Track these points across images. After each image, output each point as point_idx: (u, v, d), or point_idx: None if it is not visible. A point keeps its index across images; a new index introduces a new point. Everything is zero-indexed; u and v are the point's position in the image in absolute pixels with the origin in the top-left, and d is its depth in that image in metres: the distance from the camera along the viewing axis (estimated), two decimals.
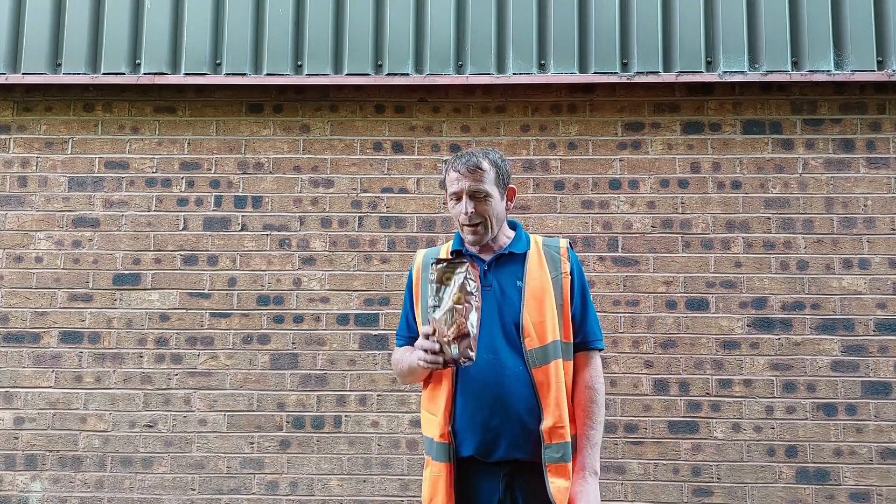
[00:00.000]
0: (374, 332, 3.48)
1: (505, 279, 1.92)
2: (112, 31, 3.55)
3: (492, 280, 1.92)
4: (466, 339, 1.70)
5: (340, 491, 3.40)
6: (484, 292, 1.87)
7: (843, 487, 3.30)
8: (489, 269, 1.94)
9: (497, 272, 1.93)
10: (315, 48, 3.51)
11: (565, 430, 1.82)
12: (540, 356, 1.84)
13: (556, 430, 1.82)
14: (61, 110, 3.63)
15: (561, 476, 1.81)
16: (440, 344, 1.72)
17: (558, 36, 3.49)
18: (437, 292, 1.73)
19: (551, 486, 1.79)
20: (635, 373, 3.40)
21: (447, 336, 1.70)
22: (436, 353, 1.73)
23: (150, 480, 3.43)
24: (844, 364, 3.37)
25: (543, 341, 1.85)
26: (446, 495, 1.84)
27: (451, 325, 1.70)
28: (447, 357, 1.71)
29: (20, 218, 3.60)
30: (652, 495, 3.34)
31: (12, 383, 3.50)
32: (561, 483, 1.80)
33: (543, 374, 1.83)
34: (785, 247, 3.46)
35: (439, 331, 1.72)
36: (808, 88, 3.54)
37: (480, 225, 1.91)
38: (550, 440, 1.81)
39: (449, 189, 1.94)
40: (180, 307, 3.52)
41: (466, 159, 1.91)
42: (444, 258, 1.80)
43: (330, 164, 3.61)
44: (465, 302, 1.70)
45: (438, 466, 1.88)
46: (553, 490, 1.79)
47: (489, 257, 1.95)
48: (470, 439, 1.85)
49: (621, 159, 3.54)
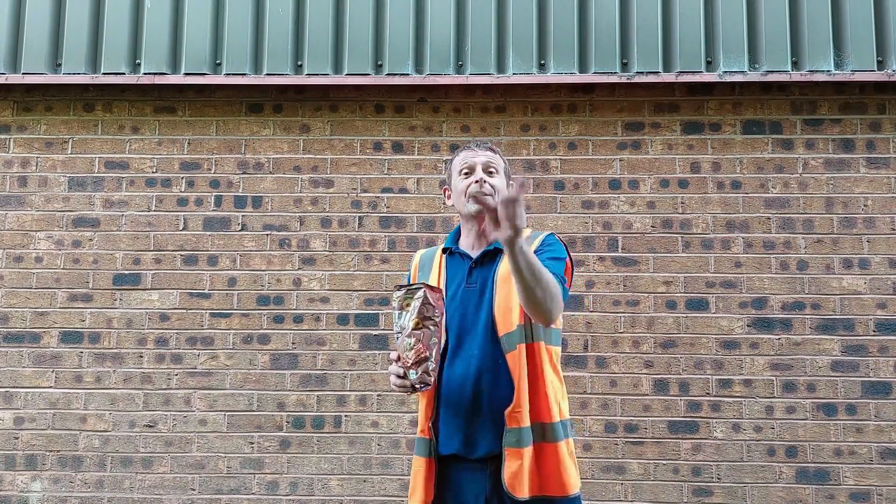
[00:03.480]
0: (374, 332, 3.48)
1: (488, 275, 1.94)
2: (112, 31, 3.55)
3: (476, 278, 1.95)
4: (425, 363, 1.74)
5: (340, 491, 3.40)
6: (469, 290, 1.93)
7: (843, 487, 3.30)
8: (476, 266, 1.96)
9: (483, 269, 1.96)
10: (315, 48, 3.51)
11: (521, 415, 1.81)
12: (508, 342, 1.86)
13: (514, 414, 1.82)
14: (61, 110, 3.63)
15: (513, 460, 1.80)
16: (404, 369, 1.76)
17: (558, 36, 3.49)
18: (399, 318, 1.78)
19: (505, 472, 1.79)
20: (635, 373, 3.41)
21: (408, 360, 1.75)
22: (401, 378, 1.77)
23: (150, 480, 3.43)
24: (844, 364, 3.37)
25: (511, 327, 1.86)
26: (424, 490, 1.87)
27: (410, 349, 1.75)
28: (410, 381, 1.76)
29: (20, 218, 3.60)
30: (652, 495, 3.34)
31: (12, 383, 3.50)
32: (513, 467, 1.80)
33: (513, 360, 1.85)
34: (785, 247, 3.46)
35: (402, 356, 1.77)
36: (808, 88, 3.54)
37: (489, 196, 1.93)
38: (509, 424, 1.82)
39: (460, 166, 2.00)
40: (180, 307, 3.52)
41: (480, 142, 2.04)
42: (403, 284, 1.84)
43: (330, 164, 3.61)
44: (424, 326, 1.75)
45: (419, 461, 1.91)
46: (506, 475, 1.79)
47: (478, 254, 1.98)
48: (452, 437, 1.88)
49: (621, 159, 3.55)
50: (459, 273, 1.98)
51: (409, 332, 1.75)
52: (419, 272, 2.06)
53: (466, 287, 1.94)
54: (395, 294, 1.80)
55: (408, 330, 1.75)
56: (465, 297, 1.93)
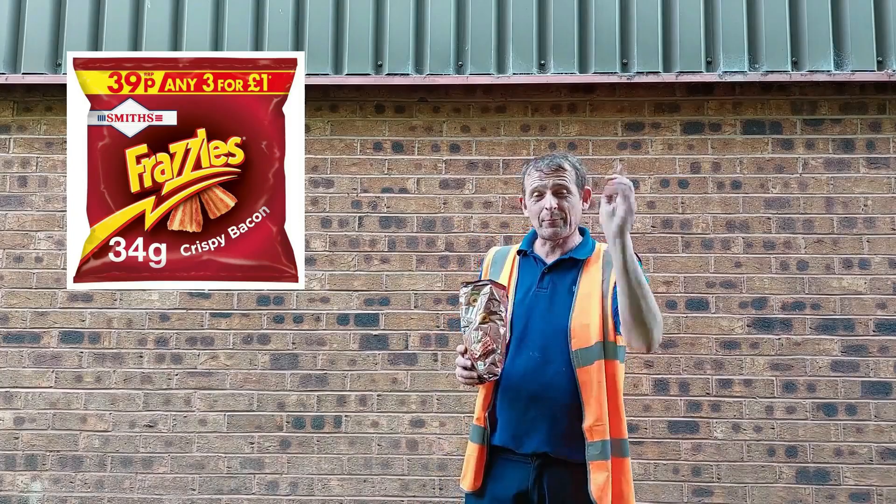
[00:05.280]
0: (374, 332, 3.49)
1: (561, 282, 2.01)
2: (112, 31, 3.54)
3: (548, 283, 2.01)
4: (492, 355, 1.85)
5: (340, 491, 3.40)
6: (539, 293, 2.00)
7: (843, 487, 3.30)
8: (549, 271, 2.03)
9: (555, 275, 2.02)
10: (315, 48, 3.51)
11: (604, 428, 1.87)
12: (584, 357, 1.90)
13: (596, 427, 1.87)
14: (61, 110, 3.62)
15: (600, 471, 1.86)
16: (471, 361, 1.86)
17: (558, 36, 3.49)
18: (466, 313, 1.88)
19: (592, 484, 1.85)
20: (635, 373, 3.40)
21: (476, 353, 1.85)
22: (468, 370, 1.87)
23: (150, 480, 3.43)
24: (844, 364, 3.37)
25: (588, 343, 1.91)
26: (474, 474, 1.99)
27: (478, 342, 1.85)
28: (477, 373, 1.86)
29: (20, 218, 3.60)
30: (652, 495, 3.34)
31: (12, 383, 3.50)
32: (600, 479, 1.85)
33: (587, 374, 1.89)
34: (785, 247, 3.46)
35: (469, 349, 1.87)
36: (808, 88, 3.54)
37: (560, 219, 2.02)
38: (592, 438, 1.87)
39: (530, 187, 2.05)
40: (180, 307, 3.52)
41: (549, 160, 2.05)
42: (469, 281, 1.93)
43: (330, 164, 3.61)
44: (490, 321, 1.85)
45: (472, 447, 2.02)
46: (593, 487, 1.85)
47: (552, 260, 2.04)
48: (504, 429, 1.96)
49: (621, 159, 3.55)
50: (532, 275, 2.05)
51: (477, 326, 1.85)
52: (491, 267, 2.14)
53: (538, 290, 2.01)
54: (463, 290, 1.89)
55: (475, 324, 1.85)
56: (535, 299, 2.00)
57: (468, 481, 2.01)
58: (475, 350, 1.85)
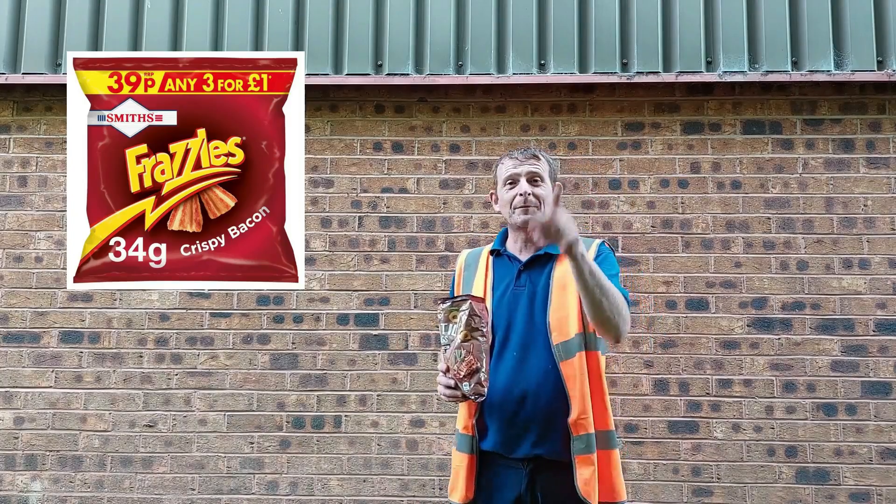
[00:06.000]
0: (374, 332, 3.49)
1: (538, 279, 1.98)
2: (112, 31, 3.54)
3: (525, 280, 1.98)
4: (476, 374, 1.78)
5: (340, 491, 3.40)
6: (517, 292, 1.97)
7: (843, 487, 3.30)
8: (524, 269, 2.00)
9: (531, 272, 1.99)
10: (315, 48, 3.51)
11: (588, 421, 1.85)
12: (566, 350, 1.88)
13: (580, 421, 1.85)
14: (61, 110, 3.62)
15: (586, 466, 1.84)
16: (455, 381, 1.80)
17: (558, 36, 3.49)
18: (446, 331, 1.82)
19: (578, 479, 1.83)
20: (635, 373, 3.40)
21: (459, 373, 1.79)
22: (452, 389, 1.81)
23: (150, 480, 3.43)
24: (844, 364, 3.37)
25: (568, 336, 1.89)
26: (465, 485, 1.92)
27: (461, 362, 1.79)
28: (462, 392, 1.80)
29: (20, 218, 3.60)
30: (652, 495, 3.34)
31: (12, 383, 3.50)
32: (586, 474, 1.83)
33: (570, 368, 1.87)
34: (785, 247, 3.46)
35: (452, 368, 1.80)
36: (808, 88, 3.54)
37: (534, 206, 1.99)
38: (577, 432, 1.85)
39: (504, 175, 2.04)
40: (180, 307, 3.52)
41: (523, 149, 2.08)
42: (447, 297, 1.88)
43: (330, 164, 3.61)
44: (472, 338, 1.79)
45: (460, 457, 1.96)
46: (580, 482, 1.83)
47: (527, 257, 2.01)
48: (494, 434, 1.92)
49: (621, 159, 3.55)
50: (508, 275, 2.02)
51: (459, 345, 1.78)
52: (465, 271, 2.10)
53: (515, 289, 1.98)
54: (441, 307, 1.83)
55: (457, 342, 1.79)
56: (513, 298, 1.97)
57: (459, 493, 1.94)
58: (459, 370, 1.79)
